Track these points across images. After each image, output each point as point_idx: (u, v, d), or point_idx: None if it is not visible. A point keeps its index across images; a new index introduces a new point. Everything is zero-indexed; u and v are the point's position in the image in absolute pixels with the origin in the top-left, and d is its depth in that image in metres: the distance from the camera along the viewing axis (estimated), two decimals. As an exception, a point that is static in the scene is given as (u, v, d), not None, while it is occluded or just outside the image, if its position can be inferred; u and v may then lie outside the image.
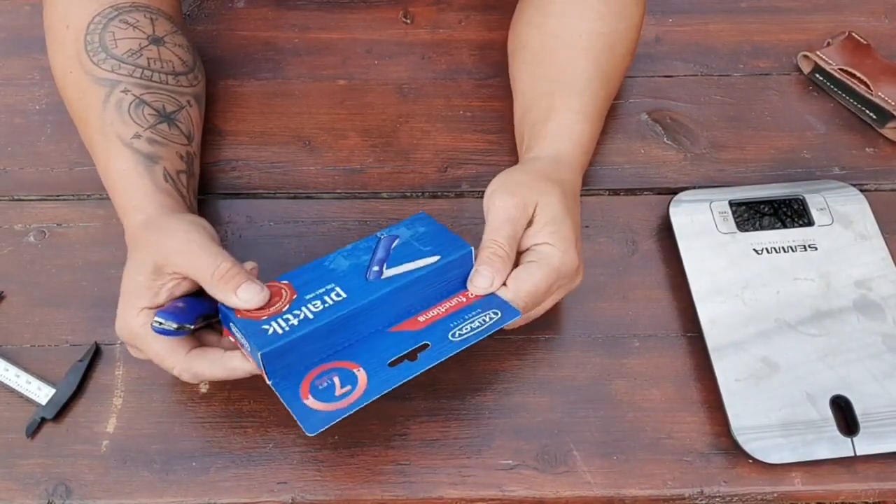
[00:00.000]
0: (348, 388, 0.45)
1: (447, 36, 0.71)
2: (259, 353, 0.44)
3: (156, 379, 0.53)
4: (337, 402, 0.44)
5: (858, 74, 0.64)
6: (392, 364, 0.46)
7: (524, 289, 0.48)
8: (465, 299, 0.49)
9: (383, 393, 0.45)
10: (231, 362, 0.47)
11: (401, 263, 0.49)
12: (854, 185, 0.60)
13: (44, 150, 0.63)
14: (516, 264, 0.49)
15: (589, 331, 0.55)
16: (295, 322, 0.46)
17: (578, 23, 0.60)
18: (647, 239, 0.60)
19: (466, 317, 0.48)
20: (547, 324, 0.55)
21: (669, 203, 0.59)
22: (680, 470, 0.50)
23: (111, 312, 0.56)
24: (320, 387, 0.45)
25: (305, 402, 0.44)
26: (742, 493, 0.50)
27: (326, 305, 0.47)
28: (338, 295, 0.47)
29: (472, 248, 0.49)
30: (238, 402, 0.52)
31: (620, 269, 0.58)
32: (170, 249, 0.48)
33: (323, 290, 0.48)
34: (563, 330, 0.56)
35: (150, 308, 0.47)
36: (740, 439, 0.50)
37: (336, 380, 0.45)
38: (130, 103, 0.55)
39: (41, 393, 0.52)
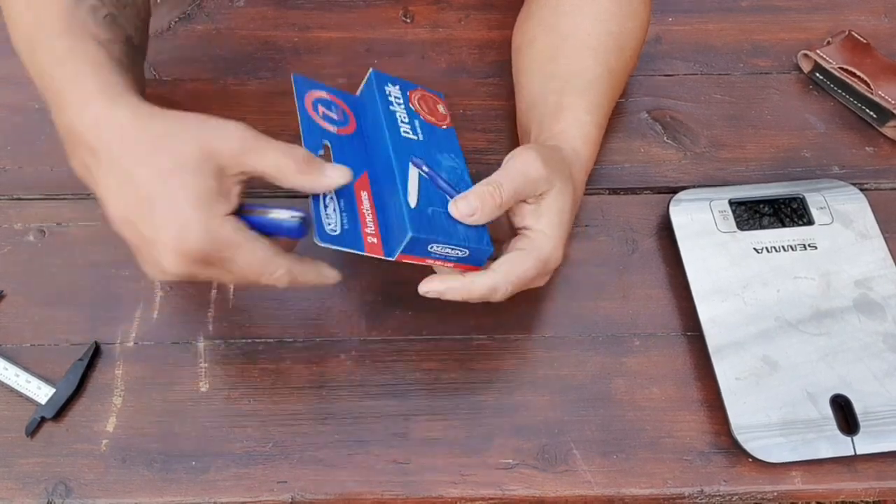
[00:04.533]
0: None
1: (447, 35, 0.71)
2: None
3: (156, 378, 0.53)
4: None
5: (858, 73, 0.64)
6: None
7: (514, 273, 0.48)
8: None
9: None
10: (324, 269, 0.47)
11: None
12: (854, 184, 0.60)
13: (43, 150, 0.63)
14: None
15: (589, 330, 0.55)
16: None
17: (590, 22, 0.60)
18: (647, 238, 0.60)
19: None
20: (547, 323, 0.55)
21: (669, 202, 0.59)
22: (680, 469, 0.50)
23: (111, 312, 0.56)
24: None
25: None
26: (742, 493, 0.50)
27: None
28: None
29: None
30: (238, 401, 0.52)
31: (620, 268, 0.58)
32: (234, 150, 0.43)
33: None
34: (563, 329, 0.56)
35: (232, 214, 0.43)
36: (740, 438, 0.50)
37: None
38: (105, 15, 0.50)
39: (41, 392, 0.52)
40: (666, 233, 0.59)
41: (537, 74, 0.61)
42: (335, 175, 0.45)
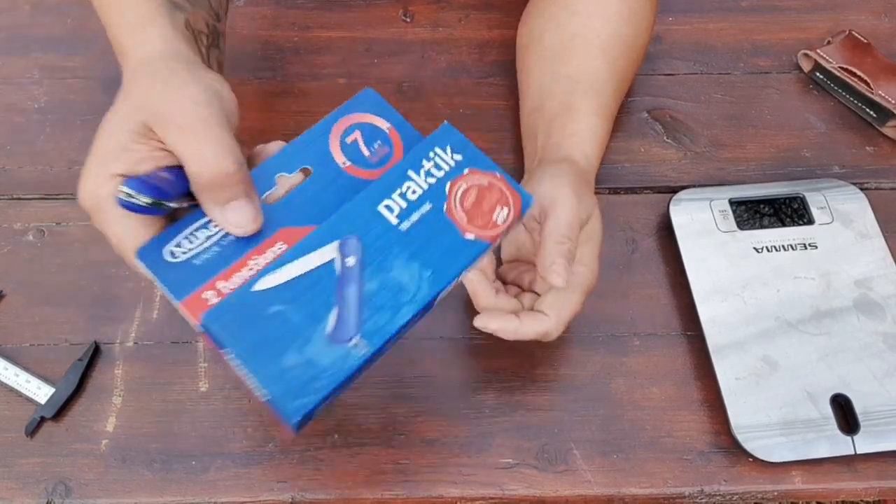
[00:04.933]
0: None
1: (447, 34, 0.71)
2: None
3: (155, 378, 0.53)
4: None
5: (859, 73, 0.64)
6: None
7: (566, 316, 0.48)
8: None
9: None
10: None
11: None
12: (854, 184, 0.60)
13: (43, 149, 0.63)
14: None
15: (589, 329, 0.55)
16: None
17: (600, 23, 0.59)
18: (648, 237, 0.60)
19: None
20: (547, 323, 0.55)
21: (669, 202, 0.59)
22: (680, 469, 0.50)
23: (111, 311, 0.56)
24: None
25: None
26: (742, 492, 0.50)
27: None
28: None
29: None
30: (238, 401, 0.52)
31: (620, 268, 0.58)
32: (168, 115, 0.38)
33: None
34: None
35: (127, 176, 0.37)
36: (740, 438, 0.50)
37: None
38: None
39: (41, 392, 0.52)
40: (666, 232, 0.59)
41: (546, 73, 0.60)
42: (233, 219, 0.38)
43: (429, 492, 0.50)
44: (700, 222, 0.58)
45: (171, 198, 0.38)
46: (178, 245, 0.38)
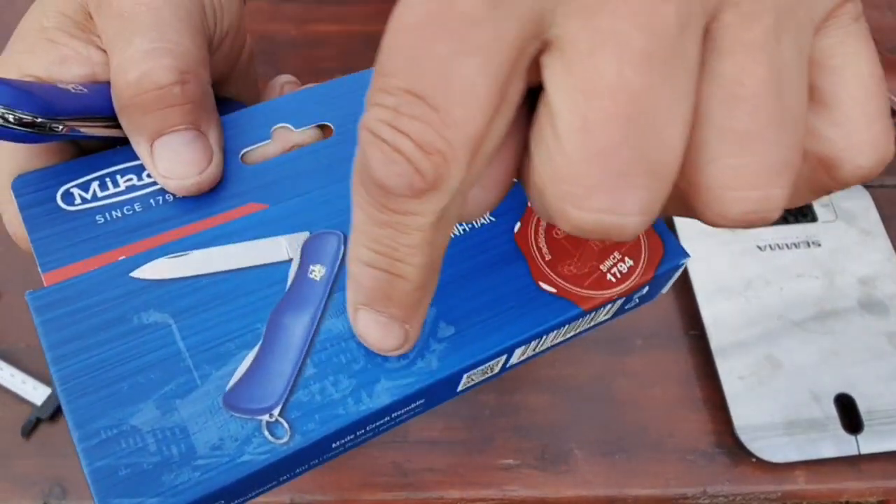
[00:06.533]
0: None
1: (446, 29, 0.70)
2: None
3: (153, 378, 0.53)
4: None
5: (862, 68, 0.64)
6: None
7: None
8: None
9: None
10: None
11: None
12: (858, 181, 0.60)
13: (38, 146, 0.63)
14: None
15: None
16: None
17: None
18: (649, 235, 0.59)
19: None
20: (548, 322, 0.55)
21: (671, 199, 0.58)
22: (682, 469, 0.50)
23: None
24: None
25: None
26: (745, 493, 0.49)
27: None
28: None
29: None
30: (236, 401, 0.52)
31: (622, 266, 0.58)
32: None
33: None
34: (565, 328, 0.55)
35: (42, 80, 0.26)
36: (743, 438, 0.49)
37: None
38: None
39: (37, 393, 0.51)
40: (668, 230, 0.59)
41: None
42: (163, 162, 0.25)
43: (429, 493, 0.49)
44: (702, 220, 0.57)
45: (64, 117, 0.23)
46: (83, 188, 0.25)
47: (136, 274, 0.23)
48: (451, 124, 0.17)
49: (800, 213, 0.58)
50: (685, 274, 0.55)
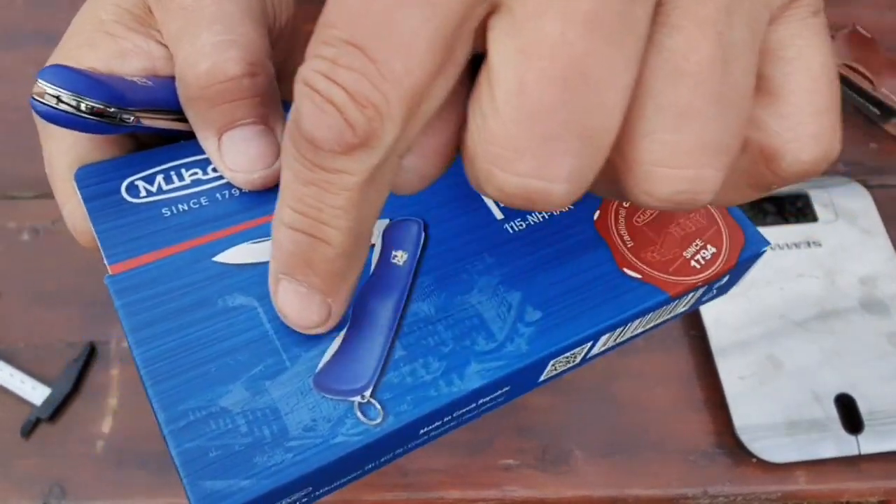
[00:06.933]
0: None
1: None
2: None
3: (152, 378, 0.53)
4: None
5: (862, 70, 0.64)
6: None
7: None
8: None
9: None
10: None
11: None
12: (858, 181, 0.60)
13: (38, 147, 0.62)
14: None
15: (591, 329, 0.55)
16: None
17: None
18: (650, 236, 0.59)
19: None
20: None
21: (672, 199, 0.58)
22: (683, 470, 0.50)
23: (107, 312, 0.55)
24: None
25: None
26: (746, 493, 0.49)
27: None
28: None
29: None
30: (236, 401, 0.52)
31: (622, 267, 0.58)
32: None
33: None
34: (565, 328, 0.55)
35: (101, 73, 0.25)
36: (744, 438, 0.49)
37: None
38: None
39: (36, 393, 0.51)
40: (668, 230, 0.59)
41: None
42: (230, 155, 0.25)
43: (429, 493, 0.49)
44: (703, 220, 0.57)
45: (134, 108, 0.23)
46: (148, 180, 0.25)
47: (220, 258, 0.23)
48: (389, 77, 0.16)
49: (800, 214, 0.58)
50: (685, 274, 0.55)
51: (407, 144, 0.18)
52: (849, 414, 0.50)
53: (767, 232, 0.56)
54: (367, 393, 0.21)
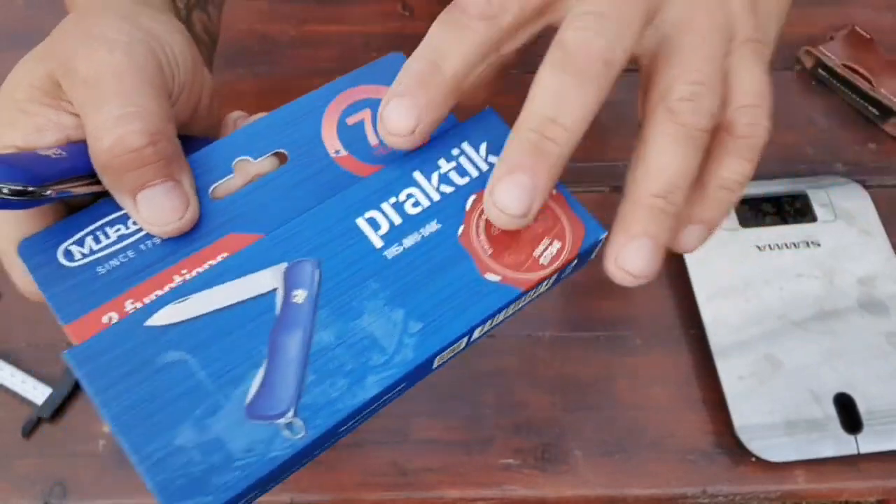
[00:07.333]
0: None
1: (446, 30, 0.70)
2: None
3: (153, 378, 0.53)
4: None
5: (861, 70, 0.64)
6: None
7: None
8: None
9: None
10: None
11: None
12: (857, 181, 0.60)
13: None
14: None
15: (590, 329, 0.55)
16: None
17: None
18: (649, 235, 0.59)
19: None
20: (548, 322, 0.55)
21: (671, 199, 0.58)
22: (682, 469, 0.50)
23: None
24: None
25: None
26: (745, 492, 0.50)
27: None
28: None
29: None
30: (236, 401, 0.52)
31: (622, 266, 0.58)
32: (75, 64, 0.28)
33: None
34: (564, 328, 0.55)
35: (24, 150, 0.27)
36: (743, 438, 0.49)
37: None
38: None
39: (37, 393, 0.51)
40: (668, 230, 0.59)
41: None
42: (146, 212, 0.27)
43: (428, 493, 0.49)
44: (702, 220, 0.57)
45: (51, 182, 0.26)
46: (79, 244, 0.28)
47: (150, 323, 0.26)
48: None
49: (799, 214, 0.58)
50: (685, 274, 0.55)
51: (503, 43, 0.28)
52: (848, 413, 0.50)
53: (767, 232, 0.57)
54: (290, 414, 0.26)
